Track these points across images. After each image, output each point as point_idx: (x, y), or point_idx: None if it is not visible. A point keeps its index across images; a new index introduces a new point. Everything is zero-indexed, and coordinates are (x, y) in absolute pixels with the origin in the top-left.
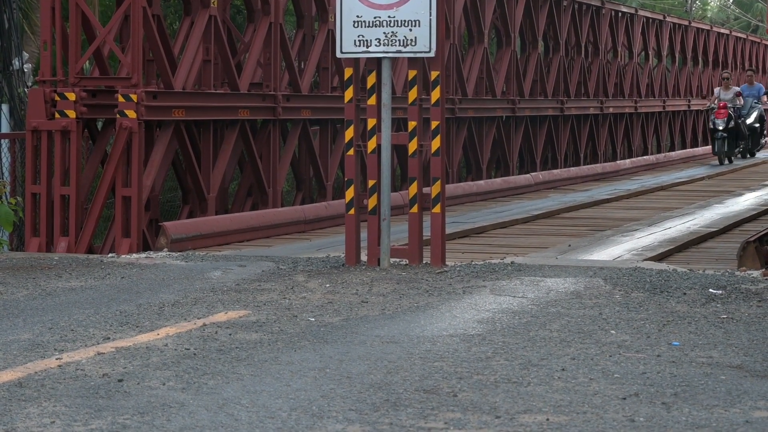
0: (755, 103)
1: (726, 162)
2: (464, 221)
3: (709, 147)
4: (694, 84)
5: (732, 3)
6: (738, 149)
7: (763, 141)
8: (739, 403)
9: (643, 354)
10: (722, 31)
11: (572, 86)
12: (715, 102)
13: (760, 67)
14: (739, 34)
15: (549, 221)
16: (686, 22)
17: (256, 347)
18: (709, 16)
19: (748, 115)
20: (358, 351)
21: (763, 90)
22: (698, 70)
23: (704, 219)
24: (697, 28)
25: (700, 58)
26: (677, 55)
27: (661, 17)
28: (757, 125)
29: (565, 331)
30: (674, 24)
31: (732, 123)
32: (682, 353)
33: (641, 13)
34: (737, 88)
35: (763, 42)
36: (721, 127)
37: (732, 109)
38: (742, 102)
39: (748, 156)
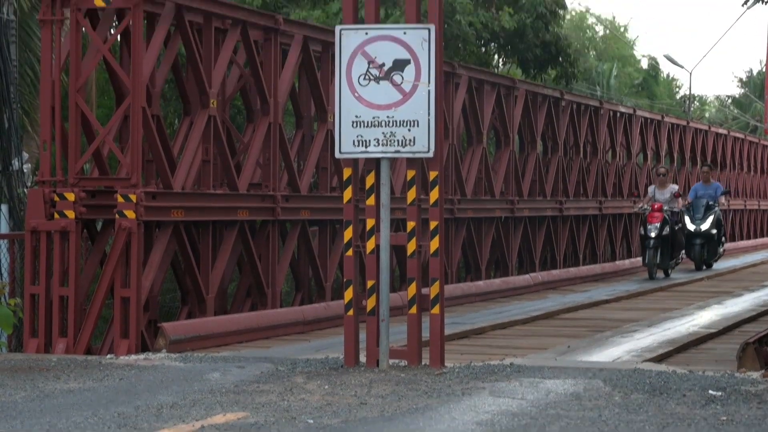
0: (712, 204)
1: (661, 276)
2: (463, 322)
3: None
4: (692, 183)
5: (730, 103)
6: (675, 261)
7: (722, 250)
8: None
9: None
10: (720, 131)
11: (571, 186)
12: (649, 203)
13: (759, 168)
14: (738, 134)
15: (548, 322)
16: (684, 122)
17: None
18: (707, 116)
19: (703, 219)
20: None
21: (721, 189)
22: (697, 170)
23: (703, 320)
24: (696, 128)
25: (698, 158)
26: (676, 155)
27: (659, 117)
28: (714, 231)
29: None
30: (672, 124)
31: (667, 229)
32: None
33: (639, 113)
34: (675, 186)
35: (762, 142)
36: (653, 234)
37: (669, 213)
38: (681, 204)
39: (704, 267)
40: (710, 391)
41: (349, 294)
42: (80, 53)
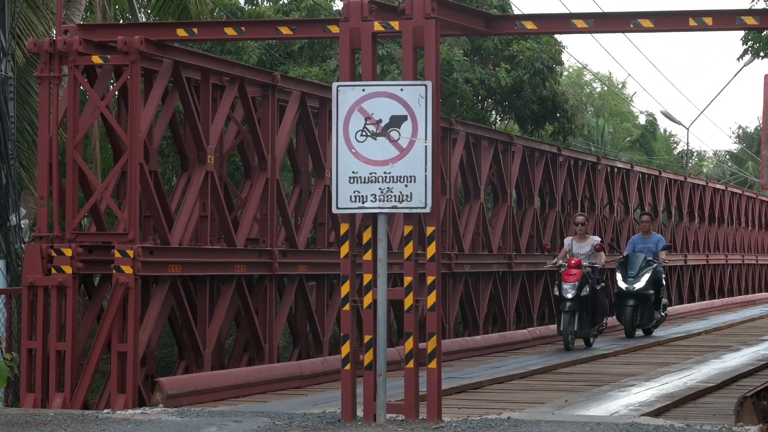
0: (651, 260)
1: (581, 346)
2: (461, 376)
3: (708, 302)
4: (690, 239)
5: (728, 159)
6: (598, 327)
7: (661, 314)
8: None
9: None
10: (718, 186)
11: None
12: (565, 258)
13: (757, 223)
14: (735, 190)
15: (546, 376)
16: (682, 178)
17: None
18: (705, 172)
19: (638, 277)
20: None
21: (663, 243)
22: (694, 226)
23: (701, 374)
24: (693, 184)
25: (696, 214)
26: (673, 211)
27: (656, 173)
28: (651, 291)
29: None
30: (670, 179)
31: (587, 289)
32: None
33: (637, 168)
34: (597, 238)
35: (759, 198)
36: (569, 296)
37: (589, 270)
38: (603, 259)
39: (641, 334)
40: None
41: (346, 348)
42: (78, 110)
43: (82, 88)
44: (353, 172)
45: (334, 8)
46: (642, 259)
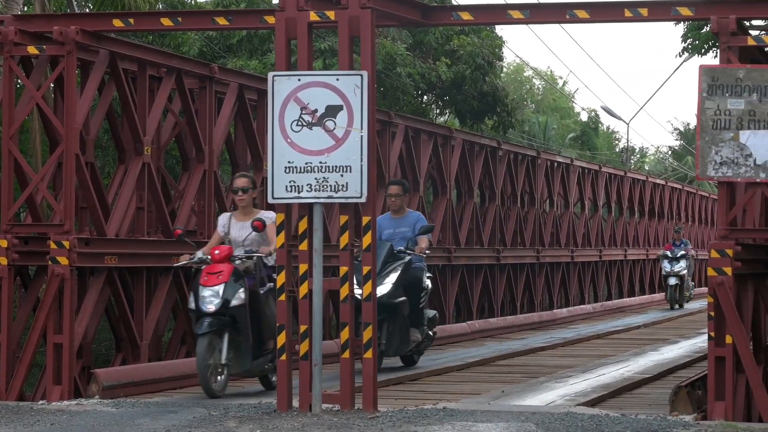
0: (403, 252)
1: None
2: (399, 369)
3: (648, 296)
4: (630, 234)
5: (669, 154)
6: (266, 359)
7: (427, 334)
8: None
9: None
10: (658, 181)
11: (508, 235)
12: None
13: (697, 218)
14: (675, 185)
15: (484, 368)
16: (622, 173)
17: None
18: (647, 168)
19: (382, 279)
20: None
21: (423, 223)
22: (635, 220)
23: (638, 366)
24: (633, 179)
25: (636, 208)
26: (613, 205)
27: (596, 167)
28: (401, 300)
29: None
30: (610, 174)
31: (241, 297)
32: None
33: (577, 163)
34: (271, 215)
35: (699, 192)
36: (209, 308)
37: (250, 266)
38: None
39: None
40: None
41: (282, 339)
42: (14, 100)
43: (18, 78)
44: (289, 162)
45: (274, 1)
46: (387, 252)
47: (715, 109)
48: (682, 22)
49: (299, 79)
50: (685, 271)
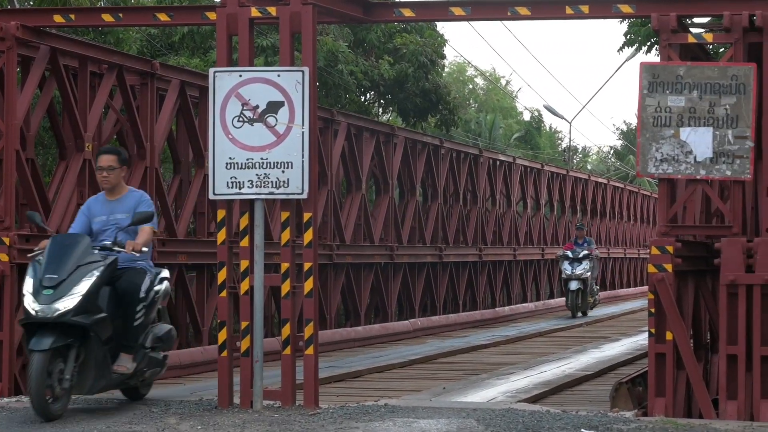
0: (105, 250)
1: None
2: (341, 365)
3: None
4: (572, 232)
5: (611, 154)
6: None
7: (144, 371)
8: None
9: None
10: (600, 180)
11: (451, 233)
12: None
13: (639, 217)
14: (617, 184)
15: (426, 366)
16: (564, 171)
17: None
18: (589, 167)
19: (59, 295)
20: None
21: (147, 208)
22: (576, 219)
23: (580, 363)
24: (575, 177)
25: (578, 207)
26: (555, 204)
27: (539, 166)
28: (92, 320)
29: None
30: (552, 173)
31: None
32: None
33: (519, 161)
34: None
35: (641, 192)
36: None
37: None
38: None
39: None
40: (583, 430)
41: (222, 335)
42: None
43: None
44: (230, 158)
45: None
46: (83, 249)
47: (655, 107)
48: (625, 20)
49: (240, 75)
50: (588, 274)
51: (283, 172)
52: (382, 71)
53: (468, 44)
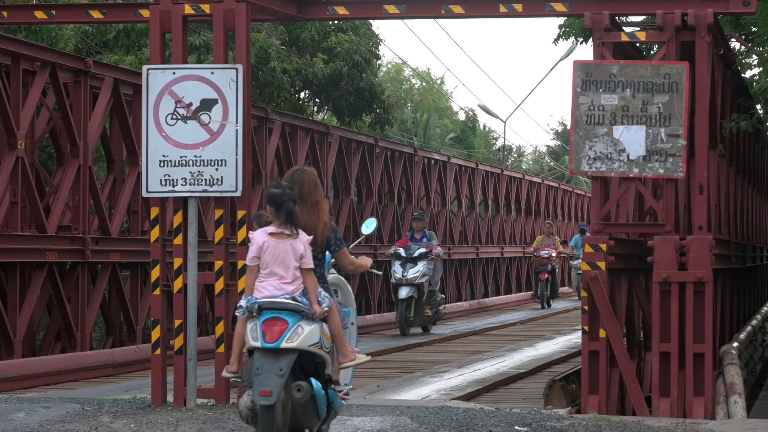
0: None
1: None
2: None
3: (525, 293)
4: (507, 231)
5: (547, 154)
6: None
7: None
8: None
9: None
10: (534, 179)
11: (386, 232)
12: None
13: (573, 216)
14: (551, 183)
15: (360, 364)
16: (499, 170)
17: None
18: (524, 167)
19: None
20: None
21: None
22: (511, 218)
23: (514, 361)
24: (510, 176)
25: (512, 206)
26: (490, 203)
27: (473, 165)
28: None
29: None
30: (487, 172)
31: None
32: None
33: (454, 160)
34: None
35: (575, 191)
36: None
37: None
38: None
39: None
40: (517, 428)
41: (156, 333)
42: None
43: None
44: (163, 156)
45: None
46: None
47: (588, 105)
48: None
49: (174, 73)
50: (424, 279)
51: (216, 169)
52: (316, 70)
53: (404, 44)
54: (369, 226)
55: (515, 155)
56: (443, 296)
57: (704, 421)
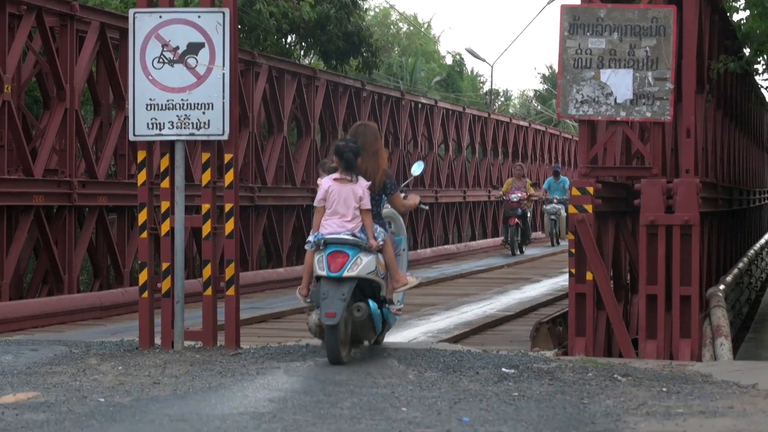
0: None
1: None
2: (263, 307)
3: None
4: (494, 175)
5: (534, 98)
6: None
7: None
8: None
9: (433, 429)
10: (522, 123)
11: None
12: None
13: (561, 159)
14: (539, 127)
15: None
16: (486, 114)
17: (43, 427)
18: (511, 111)
19: None
20: (146, 429)
21: None
22: (498, 162)
23: (501, 304)
24: (497, 120)
25: (500, 150)
26: (477, 146)
27: (460, 109)
28: None
29: (356, 408)
30: (474, 116)
31: None
32: (472, 429)
33: (441, 104)
34: None
35: (563, 134)
36: None
37: None
38: None
39: None
40: (503, 369)
41: (143, 276)
42: None
43: None
44: (150, 99)
45: None
46: None
47: (576, 48)
48: None
49: (161, 16)
50: None
51: (203, 113)
52: (303, 13)
53: None
54: (417, 169)
55: (502, 99)
56: None
57: (690, 362)
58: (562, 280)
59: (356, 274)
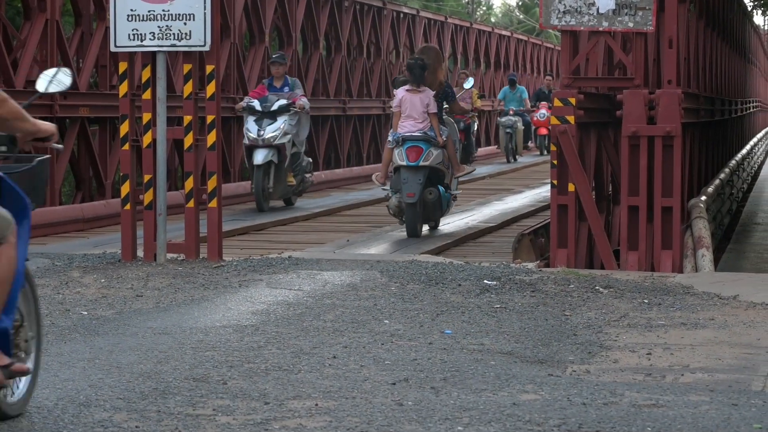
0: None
1: None
2: (244, 219)
3: (494, 147)
4: (475, 85)
5: (516, 8)
6: None
7: None
8: (508, 387)
9: (415, 342)
10: (504, 33)
11: (354, 86)
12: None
13: (542, 69)
14: (521, 36)
15: (329, 218)
16: (468, 24)
17: None
18: (493, 21)
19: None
20: (129, 342)
21: None
22: (480, 71)
23: (482, 215)
24: (479, 30)
25: (482, 60)
26: (459, 56)
27: (442, 18)
28: None
29: (338, 321)
30: (456, 25)
31: None
32: (454, 341)
33: (423, 14)
34: None
35: (545, 44)
36: None
37: None
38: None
39: None
40: (485, 281)
41: (125, 188)
42: None
43: None
44: (131, 10)
45: None
46: None
47: None
48: None
49: None
50: (285, 139)
51: (185, 24)
52: None
53: None
54: (468, 84)
55: (484, 8)
56: (310, 160)
57: (672, 274)
58: (544, 191)
59: (429, 164)
